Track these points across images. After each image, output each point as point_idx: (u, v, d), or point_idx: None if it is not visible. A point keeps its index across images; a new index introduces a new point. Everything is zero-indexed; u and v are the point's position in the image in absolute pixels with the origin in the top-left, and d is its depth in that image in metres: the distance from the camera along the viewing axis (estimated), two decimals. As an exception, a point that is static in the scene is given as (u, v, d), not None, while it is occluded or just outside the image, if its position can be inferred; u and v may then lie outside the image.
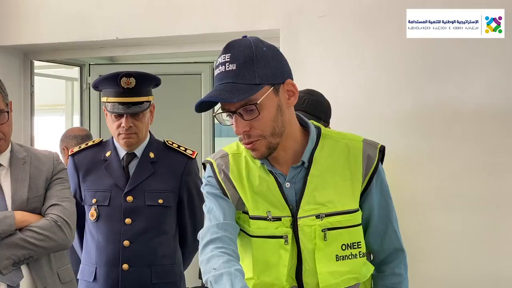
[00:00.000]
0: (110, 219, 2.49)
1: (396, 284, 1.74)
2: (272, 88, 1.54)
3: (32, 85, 3.95)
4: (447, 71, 2.67)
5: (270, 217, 1.60)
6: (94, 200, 2.50)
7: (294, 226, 1.60)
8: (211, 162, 1.71)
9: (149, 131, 2.61)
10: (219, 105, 1.57)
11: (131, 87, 2.45)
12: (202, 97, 1.57)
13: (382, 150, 1.67)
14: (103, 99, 2.51)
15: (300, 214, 1.60)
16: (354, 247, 1.63)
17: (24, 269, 2.00)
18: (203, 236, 1.62)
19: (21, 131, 3.88)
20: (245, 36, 1.59)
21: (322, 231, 1.59)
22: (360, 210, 1.65)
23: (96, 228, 2.51)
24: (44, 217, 2.05)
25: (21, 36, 3.61)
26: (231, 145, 1.74)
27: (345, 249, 1.61)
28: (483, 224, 2.59)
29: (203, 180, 1.73)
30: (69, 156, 2.63)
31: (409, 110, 2.71)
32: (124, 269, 2.46)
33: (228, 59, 1.52)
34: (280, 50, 2.95)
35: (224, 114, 1.58)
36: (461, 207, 2.62)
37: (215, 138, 4.52)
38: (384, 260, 1.74)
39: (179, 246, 2.61)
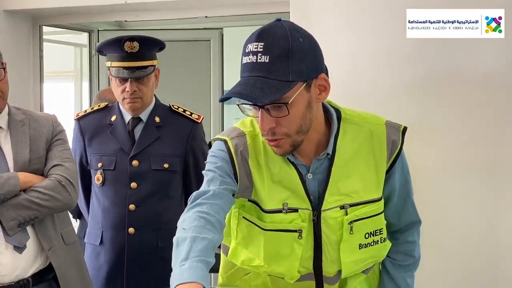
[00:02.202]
0: (115, 183, 2.50)
1: (409, 251, 1.75)
2: (304, 84, 1.43)
3: (41, 50, 3.93)
4: (458, 38, 2.62)
5: (286, 209, 1.54)
6: (99, 164, 2.51)
7: (317, 219, 1.55)
8: (225, 140, 1.59)
9: (155, 96, 2.60)
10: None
11: (135, 52, 2.43)
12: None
13: (404, 132, 1.61)
14: (107, 63, 2.50)
15: (324, 206, 1.54)
16: (377, 234, 1.60)
17: (29, 230, 2.01)
18: (194, 198, 1.53)
19: (31, 97, 3.88)
20: (279, 20, 1.47)
21: (348, 224, 1.55)
22: (383, 199, 1.62)
23: (102, 192, 2.52)
24: (47, 177, 2.05)
25: (30, 0, 3.58)
26: (243, 122, 1.63)
27: (368, 237, 1.59)
28: (490, 192, 2.56)
29: (210, 153, 1.62)
30: (75, 120, 2.63)
31: (419, 77, 2.67)
32: (130, 232, 2.48)
33: (261, 49, 1.40)
34: (290, 14, 2.96)
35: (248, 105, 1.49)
36: (469, 175, 2.59)
37: (224, 104, 4.50)
38: (400, 230, 1.74)
39: (185, 211, 2.62)
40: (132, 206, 2.48)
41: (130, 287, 2.49)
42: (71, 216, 2.66)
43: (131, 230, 2.48)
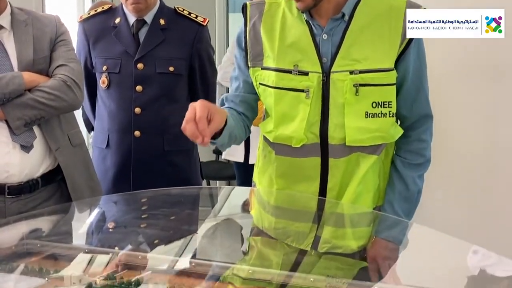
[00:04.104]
0: (121, 87, 2.48)
1: (421, 150, 1.74)
2: None
3: (41, -47, 3.81)
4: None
5: (296, 70, 1.61)
6: (104, 68, 2.49)
7: (326, 80, 1.59)
8: (246, 5, 1.72)
9: (159, -3, 2.54)
10: None
11: None
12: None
13: None
14: (110, -38, 2.43)
15: (334, 68, 1.60)
16: (385, 106, 1.62)
17: (36, 130, 2.01)
18: (222, 98, 1.82)
19: (32, 3, 3.80)
20: None
21: (353, 86, 1.59)
22: (395, 71, 1.63)
23: (108, 95, 2.51)
24: (52, 77, 2.03)
25: None
26: None
27: (375, 107, 1.61)
28: (490, 99, 2.58)
29: (237, 35, 1.75)
30: (78, 23, 2.58)
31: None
32: (136, 136, 2.49)
33: None
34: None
35: None
36: (477, 78, 2.59)
37: (229, 13, 4.43)
38: (411, 126, 1.73)
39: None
40: (137, 110, 2.47)
41: (136, 189, 2.52)
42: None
43: (137, 133, 2.49)
